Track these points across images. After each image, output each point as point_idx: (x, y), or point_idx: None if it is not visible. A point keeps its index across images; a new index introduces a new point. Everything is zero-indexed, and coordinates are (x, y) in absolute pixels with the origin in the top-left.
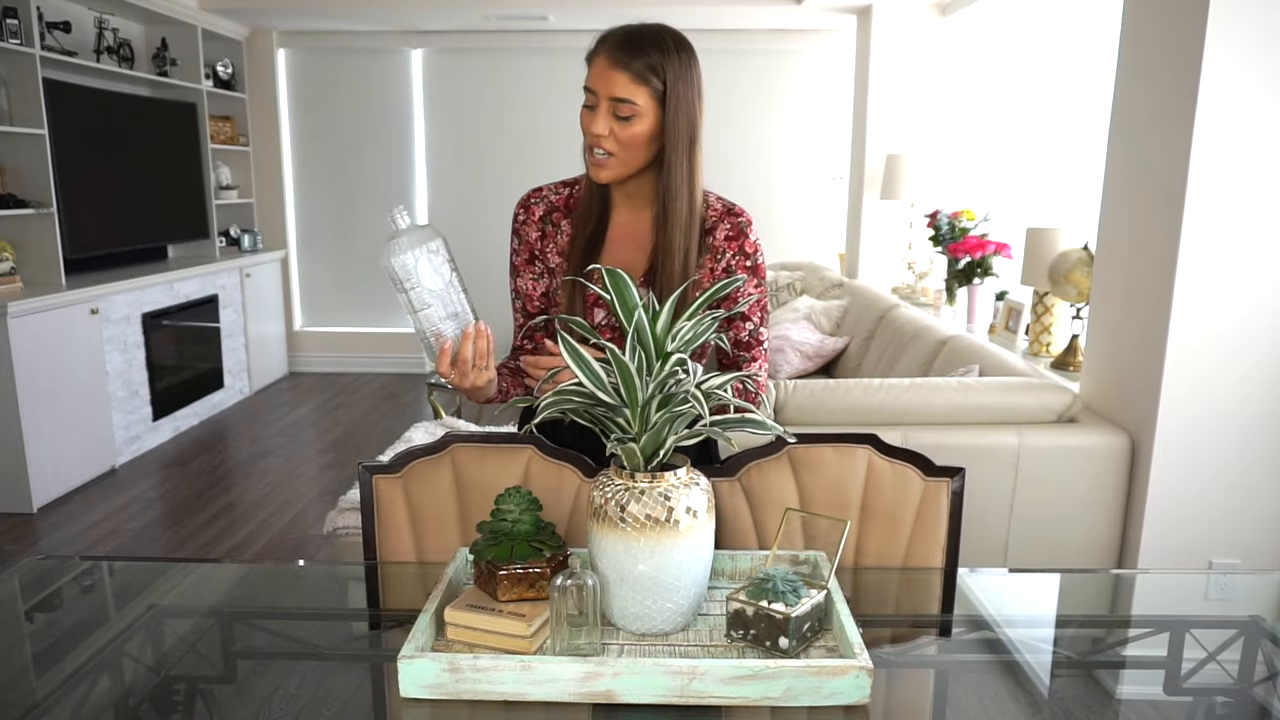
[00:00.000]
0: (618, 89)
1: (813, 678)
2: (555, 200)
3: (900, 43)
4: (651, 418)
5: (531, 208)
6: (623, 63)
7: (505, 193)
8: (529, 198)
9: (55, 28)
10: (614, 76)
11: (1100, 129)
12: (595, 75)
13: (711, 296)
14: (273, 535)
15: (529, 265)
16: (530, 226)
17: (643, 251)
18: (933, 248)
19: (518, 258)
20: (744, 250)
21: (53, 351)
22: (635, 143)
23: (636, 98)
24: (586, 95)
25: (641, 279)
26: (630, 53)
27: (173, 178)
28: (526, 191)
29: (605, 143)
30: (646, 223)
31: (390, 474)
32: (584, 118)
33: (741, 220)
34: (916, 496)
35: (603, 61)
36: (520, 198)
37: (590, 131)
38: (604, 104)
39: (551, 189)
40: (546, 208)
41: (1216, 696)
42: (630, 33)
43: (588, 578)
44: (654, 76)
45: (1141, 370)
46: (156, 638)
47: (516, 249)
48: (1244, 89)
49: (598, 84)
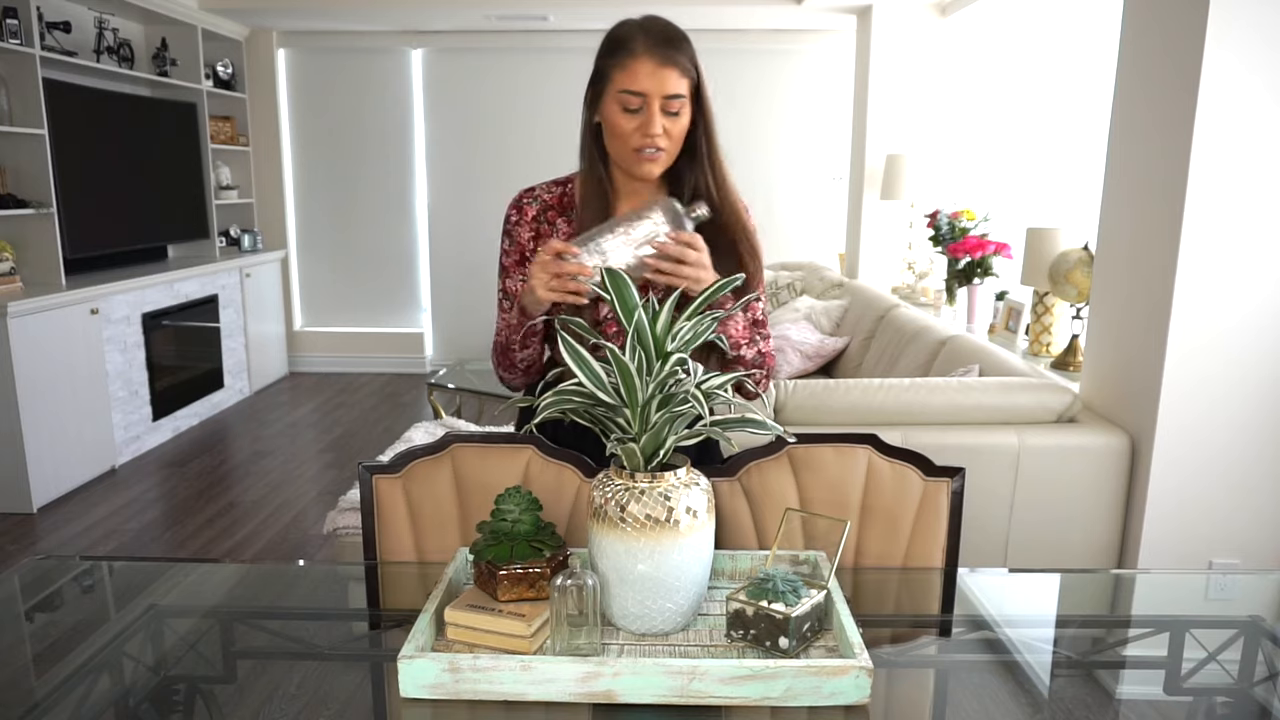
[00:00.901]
0: (670, 85)
1: (813, 678)
2: (549, 199)
3: (900, 43)
4: (651, 418)
5: (524, 208)
6: (672, 59)
7: (505, 192)
8: (521, 198)
9: (55, 28)
10: (667, 74)
11: (1100, 129)
12: (644, 77)
13: (712, 296)
14: (273, 535)
15: (519, 266)
16: (523, 227)
17: None
18: (933, 248)
19: (508, 259)
20: None
21: (53, 351)
22: (683, 133)
23: (683, 90)
24: (625, 98)
25: None
26: (676, 48)
27: (173, 178)
28: (518, 192)
29: (660, 141)
30: None
31: (390, 474)
32: (622, 122)
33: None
34: (916, 496)
35: (650, 62)
36: (512, 199)
37: (649, 134)
38: (655, 103)
39: (544, 188)
40: (540, 207)
41: (1216, 696)
42: (660, 28)
43: (588, 578)
44: (691, 66)
45: (1141, 370)
46: (156, 638)
47: (507, 250)
48: (1244, 88)
49: (648, 84)
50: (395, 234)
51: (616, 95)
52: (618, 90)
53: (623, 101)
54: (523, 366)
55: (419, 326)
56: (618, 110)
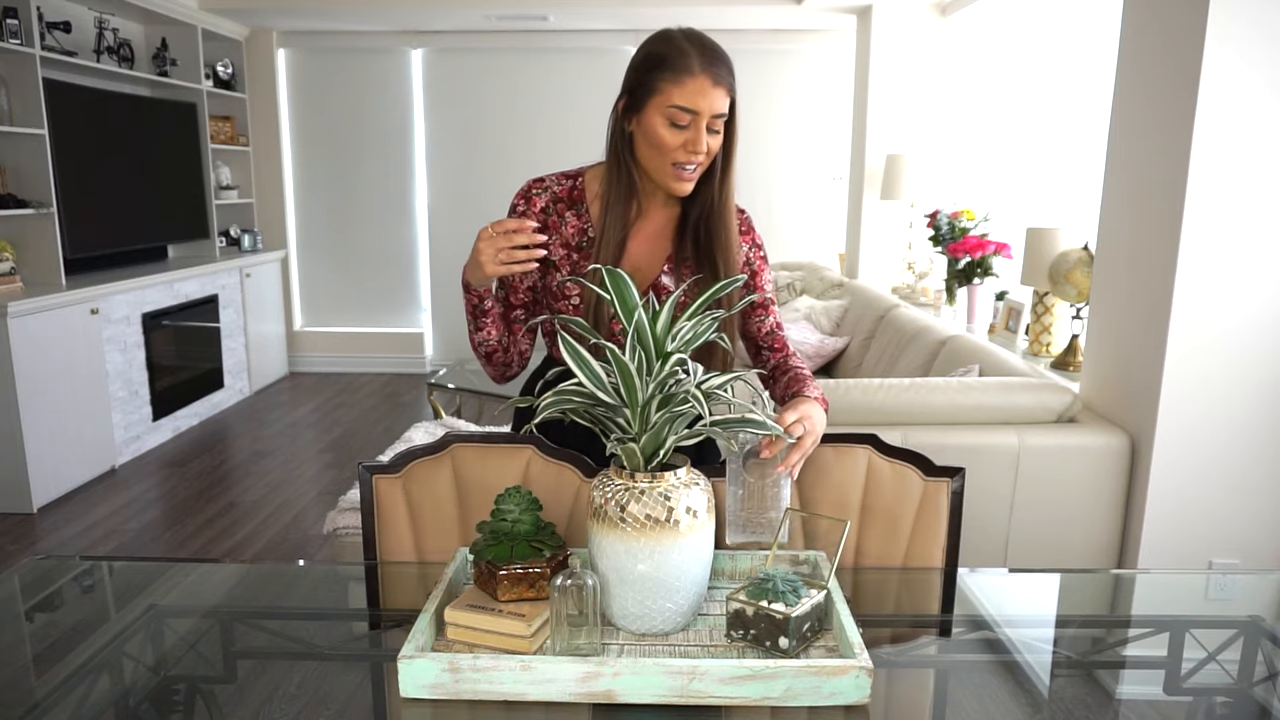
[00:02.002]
0: (719, 105)
1: (813, 678)
2: (558, 191)
3: (900, 43)
4: (651, 418)
5: (533, 198)
6: (725, 80)
7: (505, 192)
8: (530, 188)
9: (55, 28)
10: (719, 94)
11: (1100, 129)
12: (698, 95)
13: (712, 296)
14: (273, 535)
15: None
16: (530, 217)
17: (665, 240)
18: (933, 248)
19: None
20: (756, 243)
21: (53, 351)
22: (715, 151)
23: (727, 110)
24: (676, 114)
25: (667, 266)
26: (726, 69)
27: (173, 178)
28: (527, 181)
29: (700, 159)
30: (663, 213)
31: (390, 474)
32: (670, 137)
33: (746, 216)
34: (916, 496)
35: (705, 80)
36: (520, 187)
37: (696, 151)
38: (704, 121)
39: (554, 179)
40: (550, 198)
41: (1216, 696)
42: (712, 47)
43: (588, 578)
44: (733, 84)
45: (1141, 370)
46: (156, 638)
47: None
48: (1245, 88)
49: (702, 103)
50: (395, 234)
51: (665, 109)
52: (668, 105)
53: (672, 116)
54: (483, 351)
55: (419, 326)
56: (663, 124)
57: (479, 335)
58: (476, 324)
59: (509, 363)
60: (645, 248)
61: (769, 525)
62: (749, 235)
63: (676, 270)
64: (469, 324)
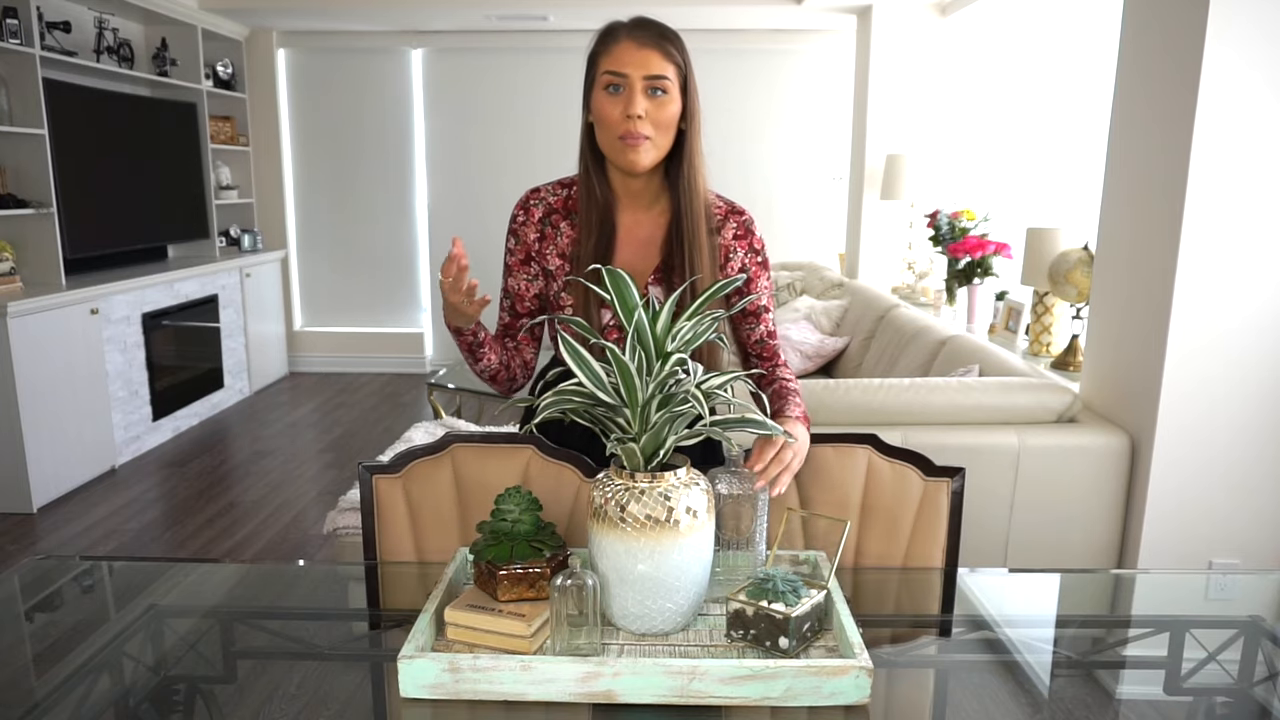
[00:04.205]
0: (653, 66)
1: (813, 678)
2: (554, 202)
3: (900, 43)
4: (651, 418)
5: (531, 209)
6: (653, 42)
7: (505, 192)
8: (528, 199)
9: (55, 28)
10: (648, 55)
11: (1100, 129)
12: (624, 58)
13: (712, 296)
14: (273, 535)
15: (524, 266)
16: (529, 228)
17: (653, 248)
18: (933, 248)
19: (512, 258)
20: (754, 247)
21: (53, 351)
22: (670, 123)
23: (669, 73)
24: (608, 79)
25: (654, 276)
26: (656, 33)
27: (173, 178)
28: (525, 192)
29: (644, 124)
30: (653, 221)
31: (390, 474)
32: (607, 106)
33: (745, 219)
34: (916, 496)
35: (630, 44)
36: (519, 198)
37: (630, 112)
38: (638, 84)
39: (549, 190)
40: (545, 209)
41: (1216, 696)
42: (642, 19)
43: (588, 578)
44: (678, 55)
45: (1141, 370)
46: (156, 638)
47: (512, 249)
48: (1245, 87)
49: (629, 65)
50: (395, 234)
51: (601, 78)
52: (602, 73)
53: (606, 83)
54: (486, 376)
55: (419, 326)
56: (603, 95)
57: (479, 365)
58: (475, 357)
59: (513, 378)
60: (634, 255)
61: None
62: (745, 240)
63: (666, 280)
64: (467, 359)
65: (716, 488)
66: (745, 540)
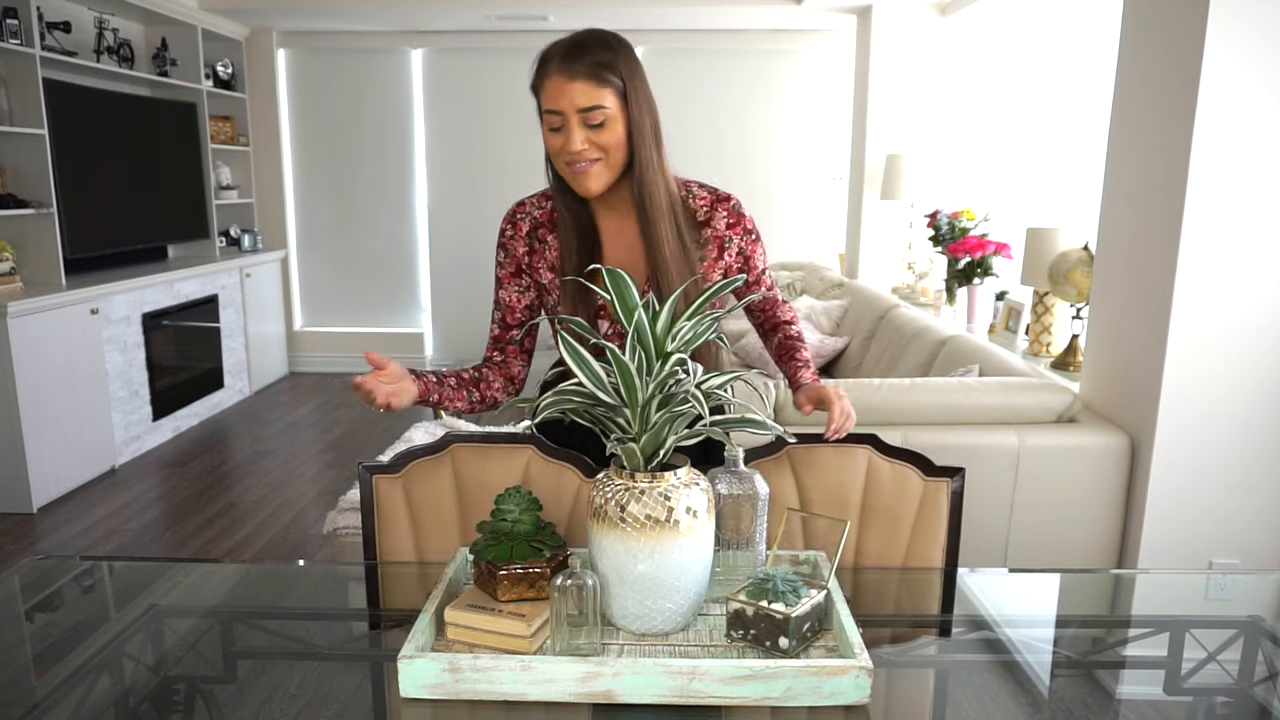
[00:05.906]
0: (587, 98)
1: (813, 678)
2: (539, 215)
3: (900, 43)
4: (651, 418)
5: (518, 224)
6: (585, 72)
7: (505, 192)
8: (514, 213)
9: (55, 28)
10: (580, 88)
11: (1100, 129)
12: (554, 94)
13: (713, 296)
14: (273, 535)
15: (514, 279)
16: (518, 241)
17: (637, 254)
18: (933, 248)
19: (503, 270)
20: (747, 229)
21: (53, 351)
22: (616, 144)
23: (604, 101)
24: (548, 118)
25: (644, 284)
26: (580, 59)
27: (173, 178)
28: (511, 206)
29: (590, 150)
30: (633, 228)
31: (390, 474)
32: (551, 141)
33: (733, 203)
34: (916, 496)
35: (558, 79)
36: (506, 212)
37: (569, 150)
38: (573, 119)
39: (534, 203)
40: (531, 224)
41: (1216, 696)
42: (571, 42)
43: (588, 578)
44: (611, 75)
45: (1141, 370)
46: (156, 638)
47: (502, 262)
48: (1245, 87)
49: (559, 102)
50: (395, 234)
51: (544, 116)
52: (543, 111)
53: (548, 122)
54: (464, 412)
55: (419, 326)
56: (547, 131)
57: (451, 410)
58: (444, 406)
59: (494, 403)
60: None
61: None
62: (738, 225)
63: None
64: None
65: (716, 488)
66: (745, 540)
